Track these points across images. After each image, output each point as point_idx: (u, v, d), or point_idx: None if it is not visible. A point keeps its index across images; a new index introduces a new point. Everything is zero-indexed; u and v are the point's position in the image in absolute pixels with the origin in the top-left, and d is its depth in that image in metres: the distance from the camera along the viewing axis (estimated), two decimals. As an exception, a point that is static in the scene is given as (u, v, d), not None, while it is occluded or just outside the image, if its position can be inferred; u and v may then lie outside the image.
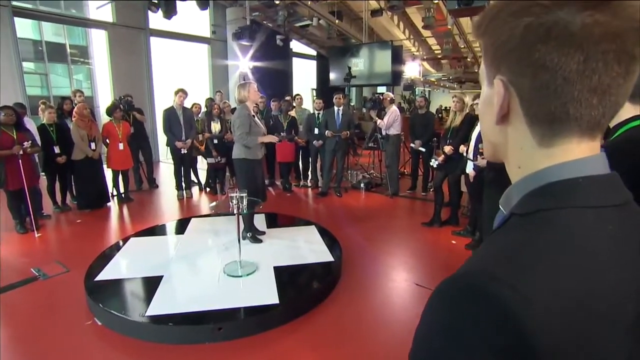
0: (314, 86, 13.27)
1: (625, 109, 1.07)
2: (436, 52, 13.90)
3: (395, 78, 8.69)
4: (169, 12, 6.68)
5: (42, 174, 4.94)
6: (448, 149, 4.20)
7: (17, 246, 3.92)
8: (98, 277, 2.96)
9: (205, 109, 6.43)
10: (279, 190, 6.34)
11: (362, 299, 2.95)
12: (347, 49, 9.09)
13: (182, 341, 2.38)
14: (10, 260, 3.56)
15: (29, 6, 7.12)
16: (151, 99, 8.69)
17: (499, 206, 0.49)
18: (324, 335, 2.49)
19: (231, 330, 2.41)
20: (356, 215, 5.13)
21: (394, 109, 5.98)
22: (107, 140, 5.23)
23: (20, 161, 4.01)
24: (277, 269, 3.14)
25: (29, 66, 10.42)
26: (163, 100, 8.20)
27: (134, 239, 3.86)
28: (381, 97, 6.26)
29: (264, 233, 3.98)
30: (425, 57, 13.88)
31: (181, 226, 4.28)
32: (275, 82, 9.62)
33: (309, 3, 8.36)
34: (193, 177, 6.23)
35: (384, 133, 6.03)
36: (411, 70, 12.97)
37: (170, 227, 4.36)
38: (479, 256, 0.39)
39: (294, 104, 6.65)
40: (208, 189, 6.17)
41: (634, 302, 0.35)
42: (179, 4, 6.80)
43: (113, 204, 5.41)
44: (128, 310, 2.53)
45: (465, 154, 3.86)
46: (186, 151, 5.54)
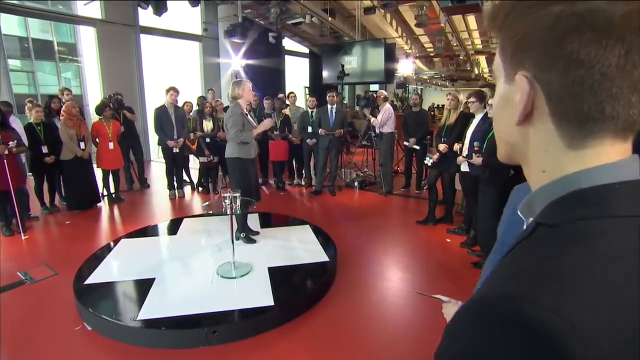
0: (307, 84, 13.21)
1: None
2: (429, 50, 13.92)
3: (389, 76, 8.69)
4: (160, 8, 6.57)
5: (29, 174, 4.83)
6: (442, 147, 4.19)
7: (3, 249, 3.80)
8: (88, 280, 2.89)
9: (197, 108, 6.34)
10: (272, 189, 6.28)
11: (357, 299, 2.92)
12: (340, 47, 9.06)
13: (176, 346, 2.32)
14: (-4, 263, 3.46)
15: (15, 2, 6.94)
16: (142, 97, 8.55)
17: (518, 212, 0.45)
18: (321, 337, 2.45)
19: (226, 333, 2.37)
20: (350, 214, 5.10)
21: (387, 106, 5.96)
22: (97, 140, 5.13)
23: (5, 161, 3.90)
24: (271, 270, 3.09)
25: (15, 64, 10.19)
26: (154, 99, 8.08)
27: (125, 240, 3.78)
28: (375, 95, 6.24)
29: (257, 233, 3.93)
30: (417, 55, 13.89)
31: (173, 227, 4.21)
32: (268, 80, 9.54)
33: (302, 0, 8.29)
34: (185, 176, 6.14)
35: (377, 131, 6.01)
36: (404, 68, 12.98)
37: (162, 227, 4.29)
38: (508, 274, 0.34)
39: (287, 102, 6.59)
40: (200, 189, 6.09)
41: None
42: (169, 1, 6.68)
43: (103, 205, 5.30)
44: (119, 315, 2.46)
45: (459, 152, 3.85)
46: (178, 150, 5.45)
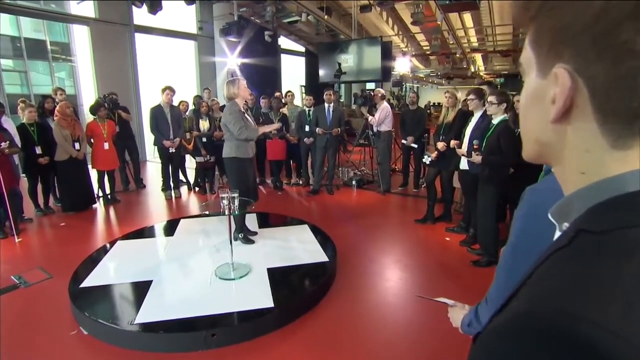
0: (303, 83, 13.16)
1: None
2: (425, 48, 13.92)
3: (385, 74, 8.66)
4: (154, 7, 6.49)
5: (22, 175, 4.75)
6: (441, 145, 4.16)
7: (-3, 252, 3.74)
8: (83, 284, 2.83)
9: (193, 107, 6.29)
10: (269, 188, 6.24)
11: (357, 300, 2.90)
12: (336, 45, 9.02)
13: (174, 349, 2.28)
14: (-11, 267, 3.40)
15: (7, 0, 6.82)
16: (137, 96, 8.47)
17: (549, 216, 0.42)
18: (321, 340, 2.42)
19: (225, 336, 2.33)
20: (349, 213, 5.07)
21: (385, 105, 5.93)
22: (92, 140, 5.06)
23: (-3, 163, 3.83)
24: (270, 271, 3.06)
25: (7, 63, 10.04)
26: (149, 98, 8.00)
27: (121, 242, 3.73)
28: (372, 94, 6.21)
29: (256, 233, 3.89)
30: (413, 53, 13.88)
31: (170, 227, 4.16)
32: (264, 79, 9.49)
33: (298, -2, 8.25)
34: (181, 176, 6.08)
35: (375, 130, 5.98)
36: (401, 66, 12.96)
37: (158, 228, 4.23)
38: (552, 287, 0.30)
39: (284, 100, 6.54)
40: (197, 189, 6.04)
41: None
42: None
43: (99, 206, 5.24)
44: (116, 318, 2.42)
45: (456, 147, 3.83)
46: (174, 150, 5.40)
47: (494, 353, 0.29)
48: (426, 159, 4.33)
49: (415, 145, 5.74)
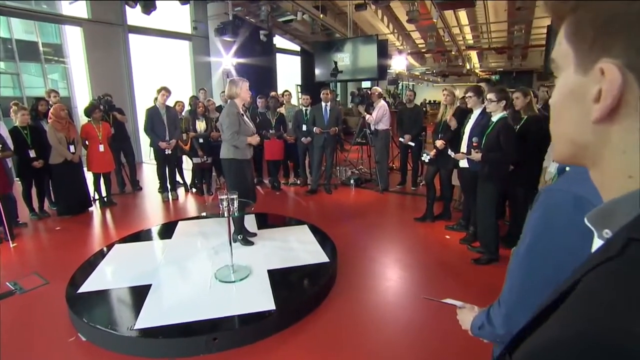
0: (299, 82, 13.11)
1: None
2: (420, 46, 13.91)
3: (382, 72, 8.64)
4: (149, 7, 6.43)
5: (16, 179, 4.68)
6: (440, 143, 4.15)
7: (-8, 258, 3.68)
8: (81, 289, 2.79)
9: (190, 108, 6.23)
10: (267, 189, 6.20)
11: (359, 300, 2.87)
12: (332, 44, 8.98)
13: (175, 354, 2.25)
14: (-16, 273, 3.34)
15: (-3, 2, 6.72)
16: (132, 98, 8.39)
17: (585, 222, 0.39)
18: (322, 341, 2.40)
19: (226, 340, 2.30)
20: (348, 212, 5.05)
21: (382, 103, 5.91)
22: (87, 142, 4.99)
23: (-10, 167, 3.77)
24: (271, 273, 3.02)
25: (-1, 66, 9.91)
26: (144, 99, 7.93)
27: (118, 245, 3.68)
28: (369, 92, 6.18)
29: (255, 235, 3.86)
30: (409, 51, 13.87)
31: (168, 230, 4.11)
32: (260, 79, 9.43)
33: (293, -3, 8.21)
34: (178, 177, 6.03)
35: (372, 128, 5.97)
36: (398, 64, 12.95)
37: (156, 231, 4.18)
38: (607, 303, 0.27)
39: (281, 100, 6.50)
40: (194, 190, 5.98)
41: None
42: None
43: (95, 209, 5.17)
44: (115, 324, 2.37)
45: (447, 148, 3.81)
46: (170, 151, 5.34)
47: None
48: (425, 157, 4.32)
49: (412, 144, 5.73)
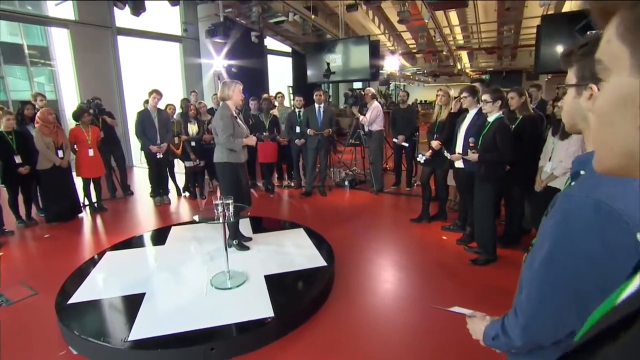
0: (290, 83, 13.05)
1: None
2: (411, 46, 13.95)
3: (374, 73, 8.62)
4: (137, 9, 6.31)
5: (1, 186, 4.54)
6: (435, 143, 4.14)
7: (-23, 268, 3.55)
8: (71, 299, 2.69)
9: (181, 110, 6.14)
10: (261, 191, 6.13)
11: (357, 304, 2.83)
12: (323, 45, 8.93)
13: (171, 366, 2.18)
14: (-32, 284, 3.22)
15: (-20, 4, 6.55)
16: (121, 101, 8.24)
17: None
18: (321, 347, 2.35)
19: (224, 350, 2.23)
20: (343, 214, 5.01)
21: (376, 104, 5.89)
22: (76, 147, 4.87)
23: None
24: (268, 278, 2.97)
25: (-18, 69, 9.64)
26: (134, 102, 7.80)
27: (110, 253, 3.58)
28: (362, 93, 6.16)
29: (250, 239, 3.80)
30: (400, 51, 13.91)
31: (161, 236, 4.02)
32: (251, 80, 9.33)
33: (284, -2, 8.16)
34: (171, 181, 5.92)
35: (366, 129, 5.94)
36: (390, 64, 12.97)
37: (149, 237, 4.09)
38: None
39: (275, 102, 6.45)
40: (187, 194, 5.89)
41: None
42: (147, 0, 6.43)
43: (85, 215, 5.05)
44: (107, 336, 2.29)
45: (447, 154, 3.79)
46: (162, 155, 5.24)
47: None
48: (420, 158, 4.30)
49: (406, 144, 5.73)
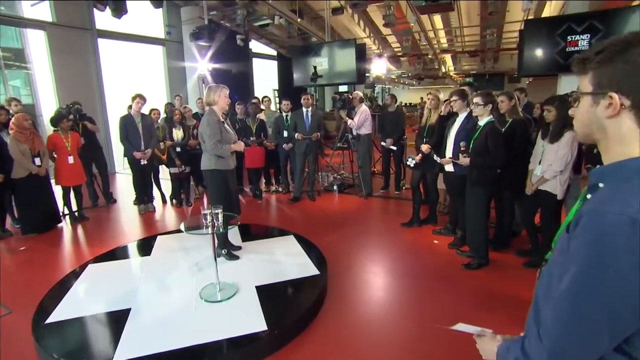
0: (276, 87, 12.96)
1: None
2: (396, 49, 14.06)
3: (360, 76, 8.62)
4: (119, 10, 6.14)
5: (-26, 196, 4.31)
6: (425, 147, 4.12)
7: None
8: (50, 318, 2.53)
9: (165, 115, 5.98)
10: (249, 197, 6.02)
11: (352, 313, 2.77)
12: (309, 48, 8.89)
13: (159, 387, 2.07)
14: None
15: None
16: (102, 105, 8.00)
17: None
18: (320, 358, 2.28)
19: (216, 367, 2.14)
20: (333, 219, 4.94)
21: (364, 108, 5.88)
22: (54, 154, 4.67)
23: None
24: (259, 289, 2.87)
25: (-47, 73, 9.21)
26: (116, 107, 7.57)
27: (92, 265, 3.42)
28: (350, 97, 6.13)
29: (240, 248, 3.69)
30: (386, 55, 14.00)
31: (146, 246, 3.87)
32: (236, 84, 9.22)
33: (269, 1, 8.08)
34: (155, 188, 5.75)
35: (355, 133, 5.91)
36: (377, 68, 13.02)
37: (133, 248, 3.93)
38: None
39: (262, 106, 6.35)
40: (173, 201, 5.72)
41: None
42: (129, 2, 6.26)
43: (65, 225, 4.84)
44: (91, 357, 2.16)
45: (436, 158, 3.77)
46: (146, 162, 5.08)
47: None
48: (410, 162, 4.27)
49: (394, 148, 5.72)
